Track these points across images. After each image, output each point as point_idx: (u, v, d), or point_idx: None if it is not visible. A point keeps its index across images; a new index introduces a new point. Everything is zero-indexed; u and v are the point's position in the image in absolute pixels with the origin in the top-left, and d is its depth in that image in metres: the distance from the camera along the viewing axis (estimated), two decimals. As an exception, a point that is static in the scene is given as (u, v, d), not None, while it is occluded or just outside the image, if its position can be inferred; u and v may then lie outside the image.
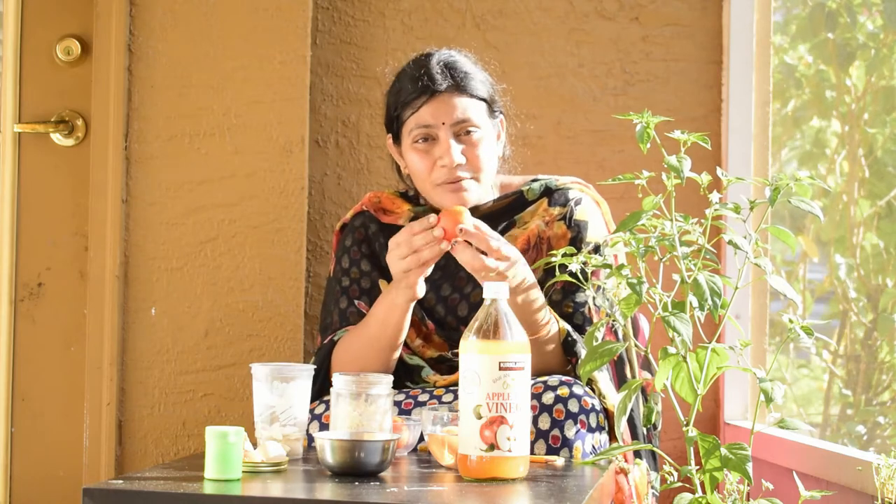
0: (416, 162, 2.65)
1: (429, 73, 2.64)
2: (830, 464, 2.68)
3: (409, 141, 2.65)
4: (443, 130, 2.62)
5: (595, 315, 2.64)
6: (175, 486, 2.01)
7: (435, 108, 2.62)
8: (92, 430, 3.05)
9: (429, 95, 2.62)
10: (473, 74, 2.67)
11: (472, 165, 2.63)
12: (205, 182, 3.11)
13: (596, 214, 2.72)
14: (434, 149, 2.63)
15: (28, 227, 3.13)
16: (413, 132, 2.64)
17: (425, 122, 2.62)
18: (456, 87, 2.63)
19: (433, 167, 2.63)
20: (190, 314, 3.10)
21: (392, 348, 2.59)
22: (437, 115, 2.62)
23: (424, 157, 2.64)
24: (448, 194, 2.63)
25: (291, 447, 2.31)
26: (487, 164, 2.65)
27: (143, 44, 3.11)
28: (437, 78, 2.63)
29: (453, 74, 2.64)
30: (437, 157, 2.62)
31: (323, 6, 3.28)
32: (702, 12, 3.28)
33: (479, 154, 2.64)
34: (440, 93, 2.62)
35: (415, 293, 2.52)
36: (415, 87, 2.63)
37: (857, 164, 4.45)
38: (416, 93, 2.63)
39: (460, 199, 2.63)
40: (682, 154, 2.27)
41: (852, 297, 4.42)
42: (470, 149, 2.63)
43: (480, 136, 2.64)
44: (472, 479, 2.14)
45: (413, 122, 2.64)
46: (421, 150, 2.64)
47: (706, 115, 3.28)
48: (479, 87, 2.66)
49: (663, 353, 2.23)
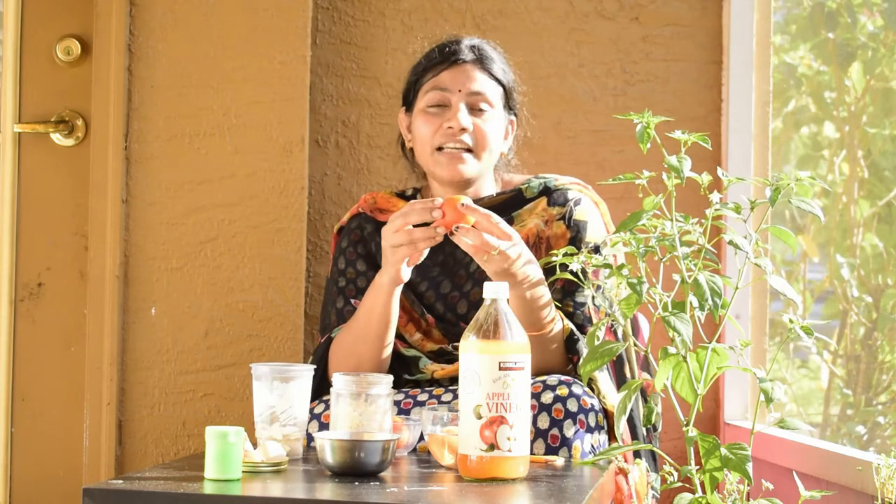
0: (422, 126, 2.70)
1: (457, 45, 2.73)
2: (830, 464, 2.68)
3: (422, 104, 2.71)
4: (456, 97, 2.69)
5: (595, 315, 2.64)
6: (175, 486, 2.01)
7: (455, 74, 2.70)
8: (92, 430, 3.05)
9: (452, 62, 2.70)
10: (498, 61, 2.75)
11: (477, 137, 2.68)
12: (205, 182, 3.11)
13: (595, 215, 2.73)
14: (445, 114, 2.69)
15: (28, 227, 3.13)
16: (428, 94, 2.70)
17: (443, 84, 2.69)
18: (479, 62, 2.72)
19: (438, 130, 2.67)
20: (190, 314, 3.10)
21: (381, 338, 2.58)
22: (456, 80, 2.69)
23: (432, 120, 2.69)
24: (445, 161, 2.67)
25: (291, 447, 2.31)
26: (491, 144, 2.70)
27: (143, 44, 3.11)
28: (464, 50, 2.73)
29: (480, 52, 2.73)
30: (446, 120, 2.67)
31: (323, 6, 3.28)
32: (702, 12, 3.28)
33: (486, 130, 2.69)
34: (464, 62, 2.71)
35: (399, 274, 2.49)
36: (441, 54, 2.72)
37: (857, 164, 4.45)
38: (441, 58, 2.72)
39: (455, 170, 2.66)
40: (682, 154, 2.27)
41: (853, 297, 4.42)
42: (479, 122, 2.68)
43: (491, 116, 2.70)
44: (472, 479, 2.14)
45: (431, 84, 2.71)
46: (431, 114, 2.70)
47: (706, 115, 3.28)
48: (501, 72, 2.74)
49: (663, 353, 2.23)
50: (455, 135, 2.66)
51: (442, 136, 2.68)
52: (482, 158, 2.69)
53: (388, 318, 2.57)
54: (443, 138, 2.68)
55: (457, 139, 2.67)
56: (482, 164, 2.70)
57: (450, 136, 2.67)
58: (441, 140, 2.68)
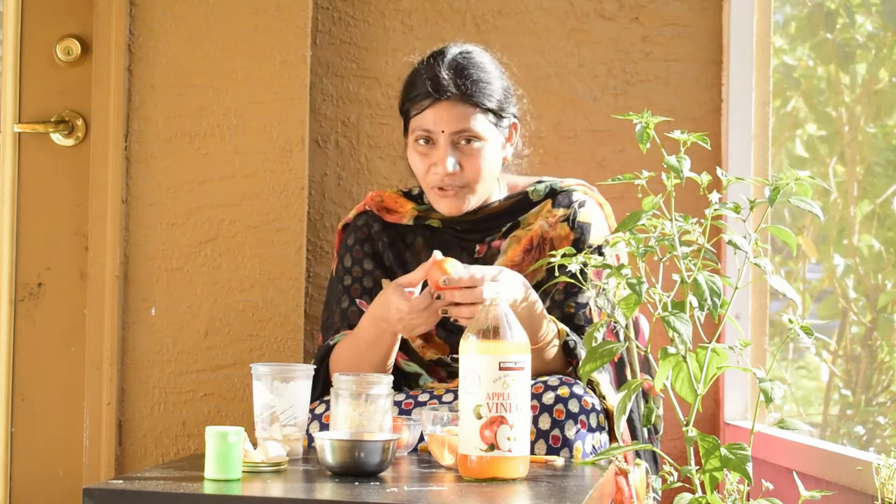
0: (415, 161, 2.68)
1: (438, 76, 2.62)
2: (830, 464, 2.68)
3: (412, 139, 2.68)
4: (442, 137, 2.62)
5: (596, 316, 2.64)
6: (175, 486, 2.01)
7: (437, 115, 2.62)
8: (92, 430, 3.05)
9: (433, 100, 2.62)
10: (484, 81, 2.64)
11: (468, 175, 2.64)
12: (205, 182, 3.11)
13: (599, 217, 2.72)
14: (433, 152, 2.64)
15: (28, 227, 3.13)
16: (415, 132, 2.66)
17: (426, 126, 2.63)
18: (462, 96, 2.62)
19: (429, 170, 2.65)
20: (190, 314, 3.10)
21: (383, 361, 2.59)
22: (439, 122, 2.62)
23: (423, 158, 2.65)
24: (439, 200, 2.66)
25: (291, 447, 2.31)
26: (485, 174, 2.65)
27: (143, 44, 3.11)
28: (445, 83, 2.62)
29: (462, 81, 2.62)
30: (434, 161, 2.63)
31: (323, 6, 3.28)
32: (702, 12, 3.28)
33: (476, 164, 2.64)
34: (446, 99, 2.62)
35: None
36: (423, 88, 2.63)
37: (855, 164, 4.45)
38: (423, 94, 2.63)
39: (448, 206, 2.66)
40: (681, 154, 2.27)
41: (852, 297, 4.42)
42: (468, 158, 2.63)
43: (480, 146, 2.64)
44: (472, 479, 2.14)
45: (416, 122, 2.65)
46: (420, 152, 2.66)
47: (706, 115, 3.28)
48: (488, 95, 2.64)
49: (663, 353, 2.23)
50: (443, 178, 2.64)
51: (433, 176, 2.64)
52: (478, 190, 2.66)
53: (387, 352, 2.59)
54: (434, 178, 2.64)
55: (445, 182, 2.64)
56: (479, 194, 2.67)
57: (440, 177, 2.64)
58: (433, 181, 2.64)
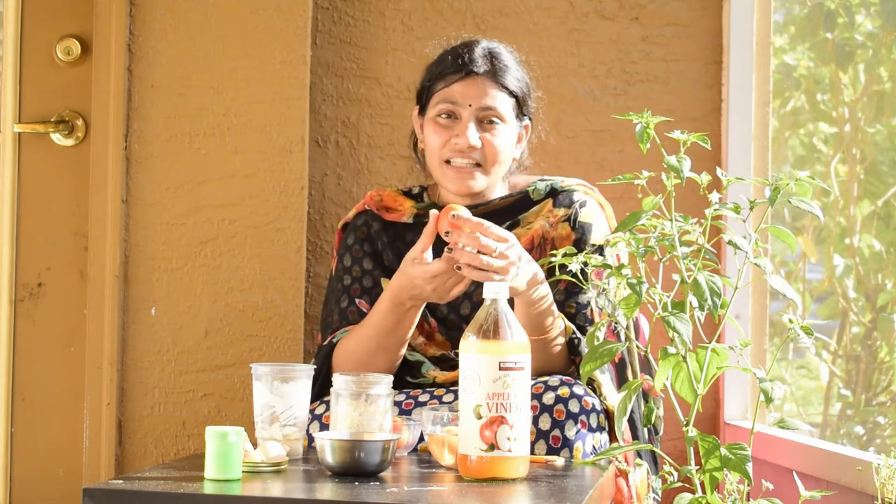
0: (432, 135, 2.68)
1: (471, 53, 2.68)
2: (830, 464, 2.68)
3: (433, 112, 2.69)
4: (467, 111, 2.65)
5: (597, 316, 2.63)
6: (175, 486, 2.01)
7: (466, 88, 2.66)
8: (92, 430, 3.05)
9: (464, 74, 2.66)
10: (513, 69, 2.70)
11: (486, 154, 2.65)
12: (205, 182, 3.11)
13: (600, 217, 2.73)
14: (455, 125, 2.66)
15: (28, 227, 3.13)
16: (439, 105, 2.67)
17: (453, 98, 2.66)
18: (492, 75, 2.67)
19: (447, 142, 2.65)
20: (190, 314, 3.10)
21: (399, 349, 2.59)
22: (467, 95, 2.65)
23: (442, 131, 2.67)
24: (453, 175, 2.66)
25: (291, 447, 2.31)
26: (501, 158, 2.67)
27: (143, 44, 3.11)
28: (478, 60, 2.67)
29: (494, 62, 2.68)
30: (455, 133, 2.65)
31: (323, 6, 3.28)
32: (702, 12, 3.28)
33: (496, 145, 2.66)
34: (476, 75, 2.66)
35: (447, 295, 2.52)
36: (454, 63, 2.67)
37: (855, 164, 4.45)
38: (454, 68, 2.67)
39: (457, 181, 2.65)
40: (681, 154, 2.27)
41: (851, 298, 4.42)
42: (488, 138, 2.65)
43: (502, 130, 2.67)
44: (472, 479, 2.14)
45: (442, 95, 2.67)
46: (441, 125, 2.67)
47: (706, 115, 3.28)
48: (514, 82, 2.69)
49: (663, 353, 2.23)
50: (463, 151, 2.65)
51: (450, 150, 2.66)
52: (491, 172, 2.68)
53: (408, 334, 2.58)
54: (451, 152, 2.66)
55: (465, 155, 2.66)
56: (491, 178, 2.69)
57: (458, 152, 2.65)
58: (449, 154, 2.66)
